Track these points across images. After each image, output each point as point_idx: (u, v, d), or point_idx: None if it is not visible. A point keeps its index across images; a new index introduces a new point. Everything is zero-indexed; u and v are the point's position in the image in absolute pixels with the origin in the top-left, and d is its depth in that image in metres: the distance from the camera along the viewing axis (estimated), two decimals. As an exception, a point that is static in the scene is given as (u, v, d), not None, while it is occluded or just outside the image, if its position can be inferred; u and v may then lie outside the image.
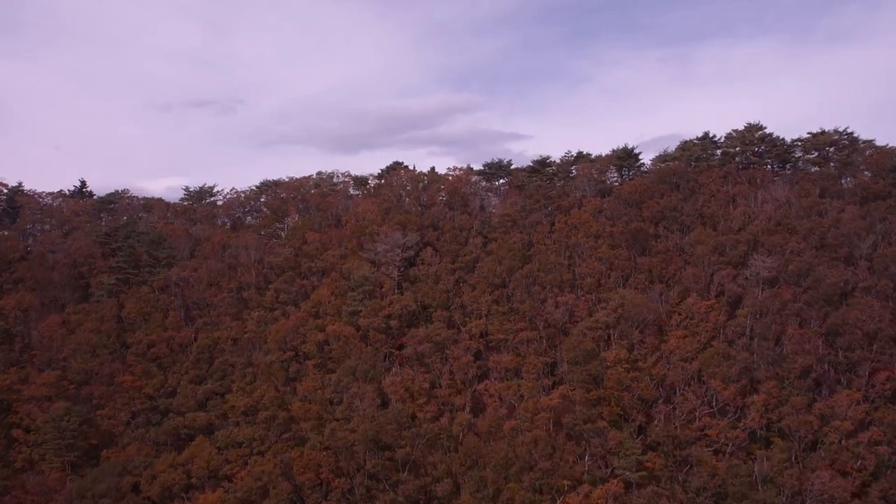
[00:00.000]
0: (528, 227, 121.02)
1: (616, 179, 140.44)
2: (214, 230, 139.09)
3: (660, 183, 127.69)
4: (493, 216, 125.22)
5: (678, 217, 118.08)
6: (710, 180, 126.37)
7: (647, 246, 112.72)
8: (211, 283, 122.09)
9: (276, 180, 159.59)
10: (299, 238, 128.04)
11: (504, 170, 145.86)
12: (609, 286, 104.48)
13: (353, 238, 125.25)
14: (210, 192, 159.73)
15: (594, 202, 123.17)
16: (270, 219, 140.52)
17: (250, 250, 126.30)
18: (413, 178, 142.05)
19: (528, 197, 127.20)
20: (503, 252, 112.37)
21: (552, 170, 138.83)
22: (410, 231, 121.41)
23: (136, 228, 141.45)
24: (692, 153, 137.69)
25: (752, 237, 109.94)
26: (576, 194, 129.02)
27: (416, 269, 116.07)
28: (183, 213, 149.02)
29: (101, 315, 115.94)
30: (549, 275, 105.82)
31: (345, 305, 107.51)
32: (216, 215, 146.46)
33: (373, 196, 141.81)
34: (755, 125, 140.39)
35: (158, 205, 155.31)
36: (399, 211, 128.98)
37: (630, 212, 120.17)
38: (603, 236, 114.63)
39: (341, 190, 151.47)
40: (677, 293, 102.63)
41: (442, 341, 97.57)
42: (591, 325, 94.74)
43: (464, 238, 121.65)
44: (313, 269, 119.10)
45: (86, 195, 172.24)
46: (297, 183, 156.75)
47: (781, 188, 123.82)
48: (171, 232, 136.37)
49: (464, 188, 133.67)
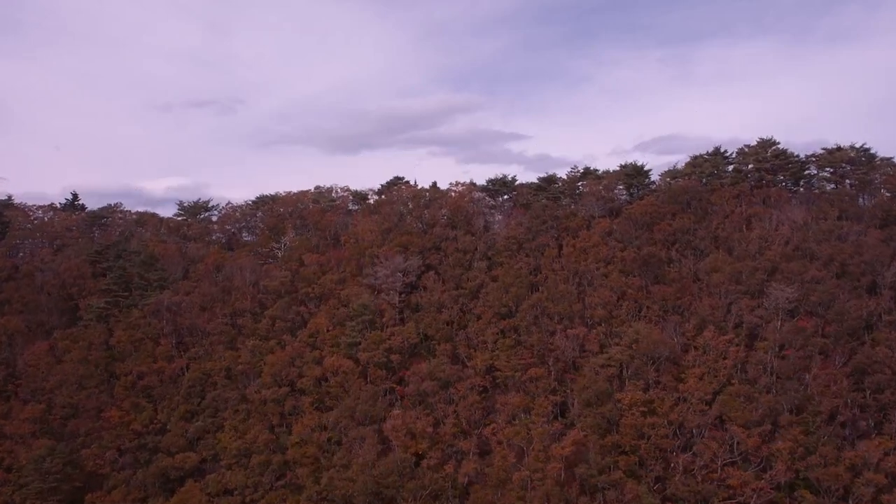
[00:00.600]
0: (535, 251, 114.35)
1: (624, 196, 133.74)
2: (209, 249, 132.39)
3: (671, 203, 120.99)
4: (498, 237, 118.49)
5: (691, 241, 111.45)
6: (723, 200, 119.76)
7: (660, 272, 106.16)
8: (204, 308, 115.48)
9: (272, 195, 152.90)
10: (296, 260, 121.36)
11: (508, 186, 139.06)
12: (621, 317, 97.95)
13: (353, 260, 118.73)
14: (205, 206, 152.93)
15: (603, 223, 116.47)
16: (266, 237, 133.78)
17: (245, 273, 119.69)
18: (414, 194, 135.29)
19: (535, 217, 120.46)
20: (509, 279, 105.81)
21: (558, 186, 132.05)
22: (412, 254, 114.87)
23: (128, 247, 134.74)
24: (703, 170, 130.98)
25: (769, 263, 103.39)
26: (583, 214, 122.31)
27: (417, 296, 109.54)
28: (176, 230, 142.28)
29: (89, 342, 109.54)
30: (558, 305, 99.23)
31: (343, 336, 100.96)
32: (211, 232, 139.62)
33: (373, 213, 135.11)
34: (768, 140, 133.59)
35: (151, 220, 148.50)
36: (399, 231, 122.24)
37: (641, 234, 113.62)
38: (614, 261, 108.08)
39: (340, 205, 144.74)
40: (693, 325, 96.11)
41: (446, 378, 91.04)
42: (604, 363, 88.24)
43: (467, 262, 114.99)
44: (310, 295, 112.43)
45: (78, 208, 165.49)
46: (294, 197, 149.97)
47: (797, 209, 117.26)
48: (163, 251, 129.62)
49: (467, 206, 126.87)
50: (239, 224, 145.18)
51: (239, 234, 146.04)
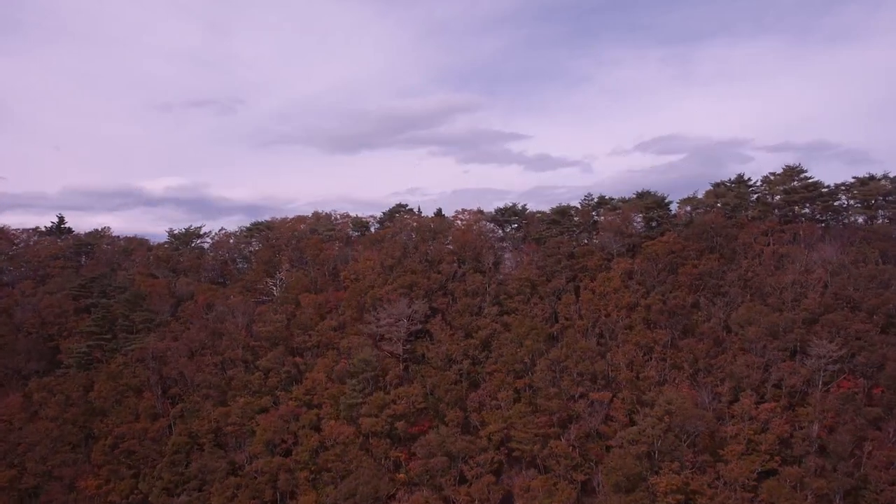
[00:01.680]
0: (550, 295, 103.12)
1: (641, 225, 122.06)
2: (199, 285, 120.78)
3: (695, 239, 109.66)
4: (510, 278, 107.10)
5: (720, 286, 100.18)
6: (751, 238, 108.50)
7: (688, 324, 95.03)
8: (193, 354, 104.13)
9: (268, 222, 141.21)
10: (292, 300, 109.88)
11: (518, 215, 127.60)
12: (649, 378, 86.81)
13: (353, 300, 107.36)
14: (196, 233, 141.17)
15: (623, 264, 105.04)
16: (261, 271, 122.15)
17: (237, 315, 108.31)
18: (419, 225, 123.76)
19: (548, 255, 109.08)
20: (524, 329, 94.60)
21: (574, 220, 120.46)
22: (417, 297, 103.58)
23: (113, 281, 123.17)
24: (727, 201, 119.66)
25: (807, 314, 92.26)
26: (600, 250, 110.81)
27: (424, 345, 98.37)
28: (166, 261, 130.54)
29: (66, 396, 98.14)
30: (579, 363, 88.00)
31: (343, 396, 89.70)
32: (202, 265, 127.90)
33: (374, 242, 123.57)
34: (794, 168, 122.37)
35: (140, 249, 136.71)
36: (403, 269, 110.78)
37: (664, 276, 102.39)
38: (637, 309, 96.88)
39: (339, 233, 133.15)
40: (728, 388, 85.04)
41: (457, 453, 79.86)
42: (634, 437, 77.07)
43: (477, 306, 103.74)
44: (307, 344, 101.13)
45: (64, 232, 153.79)
46: (290, 225, 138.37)
47: (831, 247, 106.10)
48: (151, 288, 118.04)
49: (475, 241, 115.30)
50: (232, 253, 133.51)
51: (233, 263, 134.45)
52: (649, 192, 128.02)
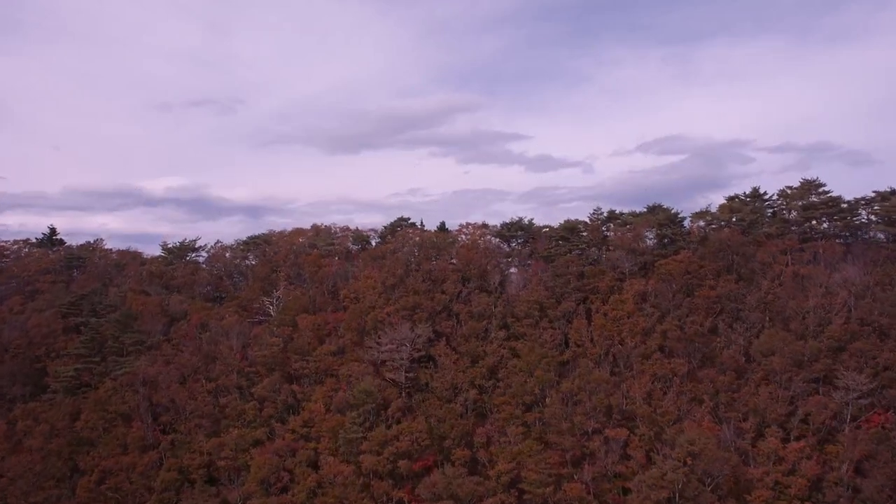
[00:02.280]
0: (560, 318, 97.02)
1: (652, 240, 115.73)
2: (192, 304, 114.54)
3: (711, 258, 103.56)
4: (518, 300, 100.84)
5: (739, 310, 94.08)
6: (770, 257, 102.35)
7: (707, 352, 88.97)
8: (185, 379, 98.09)
9: (265, 235, 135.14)
10: (289, 322, 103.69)
11: (524, 230, 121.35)
12: (668, 413, 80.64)
13: (353, 322, 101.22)
14: (191, 246, 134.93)
15: (636, 285, 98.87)
16: (258, 289, 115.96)
17: (232, 337, 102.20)
18: (422, 240, 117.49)
19: (558, 275, 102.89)
20: (533, 357, 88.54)
21: (583, 236, 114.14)
22: (420, 319, 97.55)
23: (104, 299, 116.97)
24: (742, 216, 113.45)
25: (833, 342, 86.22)
26: (612, 272, 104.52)
27: (428, 373, 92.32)
28: (159, 277, 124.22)
29: (52, 425, 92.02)
30: (593, 396, 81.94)
31: (343, 430, 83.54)
32: (197, 282, 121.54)
33: (375, 260, 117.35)
34: (812, 182, 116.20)
35: (133, 264, 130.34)
36: (405, 289, 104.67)
37: (680, 299, 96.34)
38: (652, 335, 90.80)
39: (339, 248, 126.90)
40: (752, 424, 78.99)
41: (464, 497, 73.76)
42: (654, 482, 70.95)
43: (483, 330, 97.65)
44: (305, 370, 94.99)
45: (56, 244, 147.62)
46: (288, 238, 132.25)
47: (855, 268, 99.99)
48: (142, 306, 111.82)
49: (480, 259, 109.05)
50: (228, 267, 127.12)
51: (228, 278, 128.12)
52: (660, 205, 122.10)
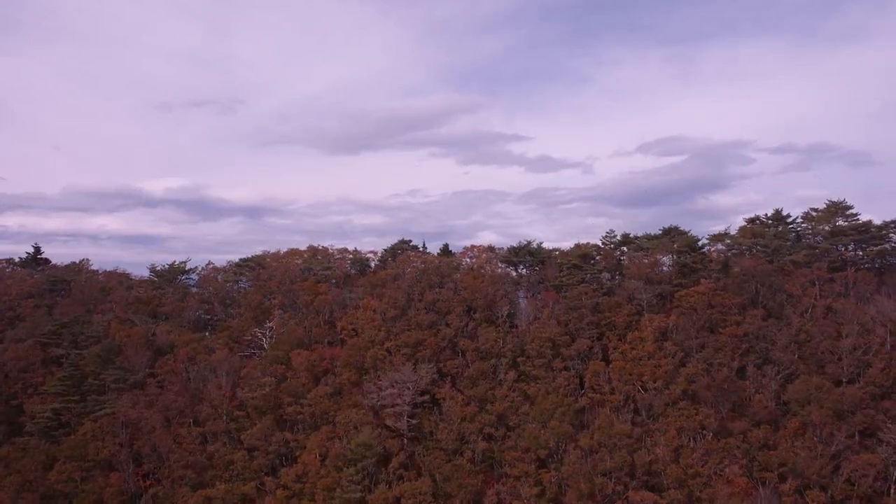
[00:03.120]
0: (575, 357, 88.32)
1: (671, 268, 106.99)
2: (180, 334, 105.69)
3: (735, 290, 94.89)
4: (529, 336, 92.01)
5: (769, 350, 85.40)
6: (800, 290, 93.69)
7: (738, 399, 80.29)
8: (169, 422, 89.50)
9: (258, 257, 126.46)
10: (282, 358, 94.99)
11: (534, 255, 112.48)
12: (699, 472, 71.90)
13: (352, 359, 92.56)
14: (182, 269, 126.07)
15: (656, 320, 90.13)
16: (249, 319, 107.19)
17: (221, 374, 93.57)
18: (425, 267, 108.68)
19: (571, 308, 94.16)
20: (547, 404, 79.88)
21: (597, 260, 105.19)
22: (423, 358, 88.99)
23: (87, 329, 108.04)
24: (766, 242, 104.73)
25: (875, 388, 77.66)
26: (629, 305, 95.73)
27: (432, 419, 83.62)
28: (146, 303, 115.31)
29: (23, 476, 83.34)
30: (614, 453, 73.25)
31: (339, 487, 74.89)
32: (186, 309, 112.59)
33: (375, 288, 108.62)
34: (839, 204, 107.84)
35: (119, 288, 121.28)
36: (407, 322, 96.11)
37: (704, 337, 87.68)
38: (677, 380, 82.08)
39: (337, 272, 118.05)
40: (792, 486, 70.41)
41: (474, 573, 65.22)
42: (687, 559, 62.37)
43: (491, 370, 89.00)
44: (299, 415, 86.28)
45: (41, 263, 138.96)
46: (283, 261, 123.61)
47: (891, 302, 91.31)
48: (126, 339, 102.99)
49: (487, 288, 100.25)
50: (219, 292, 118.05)
51: (220, 304, 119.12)
52: (677, 227, 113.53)
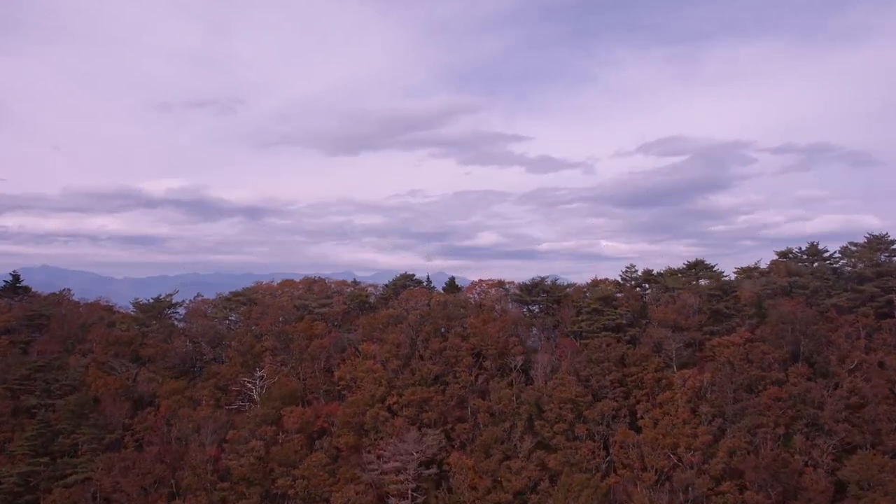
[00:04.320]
0: (599, 421, 77.38)
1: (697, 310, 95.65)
2: (162, 384, 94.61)
3: (773, 339, 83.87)
4: (546, 395, 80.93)
5: (818, 417, 74.42)
6: (847, 342, 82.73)
7: (789, 479, 69.29)
8: (147, 491, 78.78)
9: (249, 290, 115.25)
10: (273, 417, 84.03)
11: (549, 293, 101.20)
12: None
13: (350, 419, 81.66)
14: (168, 303, 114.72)
15: (689, 379, 79.04)
16: (237, 364, 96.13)
17: (205, 434, 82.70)
18: (430, 310, 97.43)
19: (593, 362, 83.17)
20: (574, 483, 68.95)
21: (618, 298, 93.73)
22: (429, 421, 78.22)
23: (62, 375, 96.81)
24: (805, 283, 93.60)
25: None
26: (657, 357, 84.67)
27: (440, 498, 72.77)
28: (128, 344, 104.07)
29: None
30: (651, 548, 62.48)
31: (334, 585, 64.19)
32: (170, 352, 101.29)
33: (375, 330, 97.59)
34: (881, 239, 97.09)
35: (100, 325, 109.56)
36: (411, 375, 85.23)
37: (745, 399, 76.73)
38: (717, 454, 71.14)
39: (335, 309, 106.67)
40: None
41: None
42: None
43: (505, 435, 78.08)
44: (290, 490, 75.33)
45: (20, 292, 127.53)
46: (278, 295, 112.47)
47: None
48: (103, 389, 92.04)
49: (498, 334, 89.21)
50: (206, 335, 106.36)
51: (207, 344, 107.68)
52: (703, 262, 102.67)
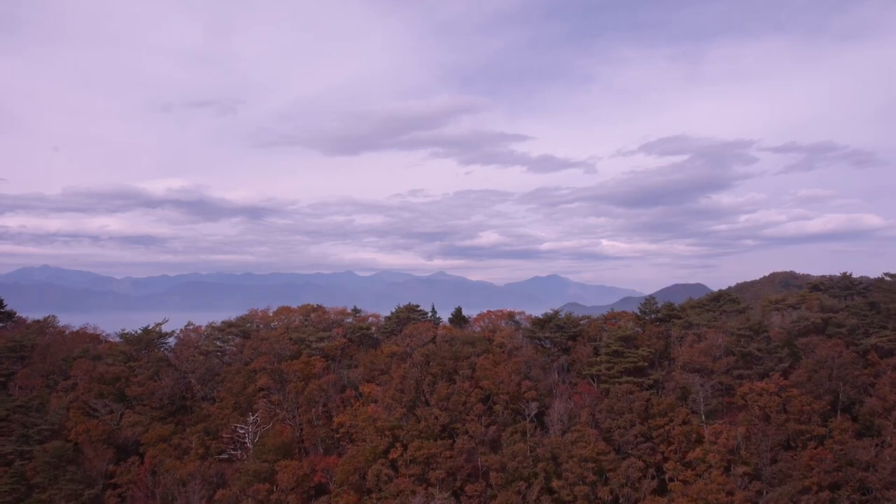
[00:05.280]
0: (624, 483, 69.52)
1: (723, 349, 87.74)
2: (147, 430, 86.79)
3: (810, 385, 75.98)
4: (563, 452, 73.00)
5: (865, 479, 66.59)
6: (890, 388, 74.76)
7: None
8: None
9: (244, 319, 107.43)
10: (266, 472, 76.21)
11: (564, 330, 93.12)
12: None
13: (350, 475, 73.90)
14: (157, 333, 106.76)
15: (721, 434, 71.16)
16: (229, 406, 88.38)
17: (192, 492, 75.00)
18: (438, 345, 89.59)
19: (614, 412, 75.36)
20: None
21: (639, 349, 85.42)
22: (436, 480, 70.38)
23: (41, 418, 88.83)
24: (841, 321, 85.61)
25: None
26: (684, 408, 76.83)
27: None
28: (113, 382, 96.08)
29: None
30: None
31: None
32: (159, 389, 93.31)
33: (376, 363, 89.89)
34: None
35: (84, 360, 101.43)
36: (416, 424, 77.46)
37: (784, 458, 68.91)
38: (756, 526, 63.40)
39: (333, 343, 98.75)
40: None
41: None
42: None
43: (519, 499, 70.15)
44: (284, 560, 67.67)
45: (4, 318, 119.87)
46: (275, 325, 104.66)
47: None
48: (84, 436, 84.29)
49: (510, 378, 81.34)
50: (198, 371, 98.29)
51: (198, 382, 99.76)
52: (728, 293, 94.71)
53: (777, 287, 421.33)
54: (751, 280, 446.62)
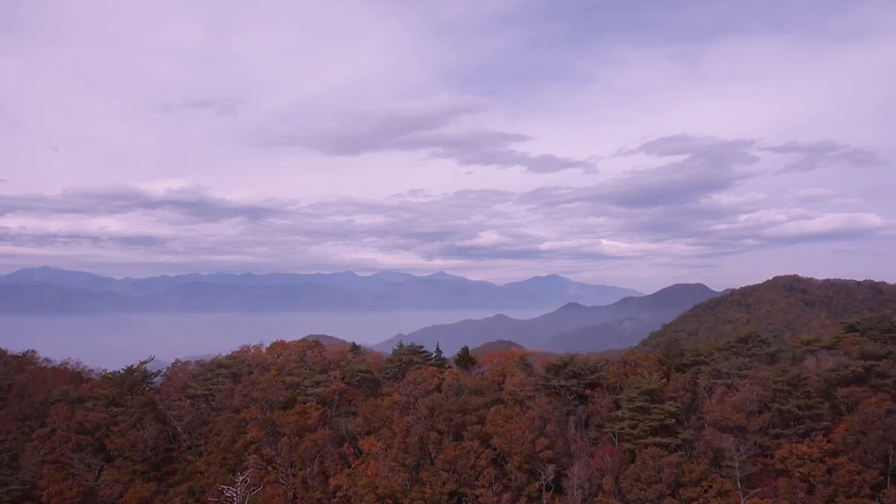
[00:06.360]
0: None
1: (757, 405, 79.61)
2: (130, 484, 78.84)
3: (858, 449, 68.08)
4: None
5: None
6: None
7: None
8: None
9: (238, 357, 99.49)
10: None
11: (580, 378, 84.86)
12: None
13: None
14: (142, 373, 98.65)
15: (756, 497, 63.40)
16: (216, 462, 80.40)
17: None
18: (445, 394, 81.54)
19: (642, 483, 67.35)
20: None
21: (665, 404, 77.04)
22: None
23: (13, 478, 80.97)
24: (885, 371, 77.54)
25: None
26: (719, 474, 68.94)
27: None
28: (93, 431, 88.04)
29: None
30: None
31: None
32: (141, 442, 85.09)
33: (381, 419, 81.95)
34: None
35: (63, 403, 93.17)
36: (420, 490, 69.61)
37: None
38: None
39: (330, 387, 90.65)
40: None
41: None
42: None
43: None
44: None
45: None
46: (269, 364, 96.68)
47: None
48: (59, 498, 76.35)
49: (523, 434, 73.33)
50: (184, 419, 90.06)
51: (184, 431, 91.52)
52: (757, 334, 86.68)
53: (781, 291, 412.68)
54: (754, 284, 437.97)
